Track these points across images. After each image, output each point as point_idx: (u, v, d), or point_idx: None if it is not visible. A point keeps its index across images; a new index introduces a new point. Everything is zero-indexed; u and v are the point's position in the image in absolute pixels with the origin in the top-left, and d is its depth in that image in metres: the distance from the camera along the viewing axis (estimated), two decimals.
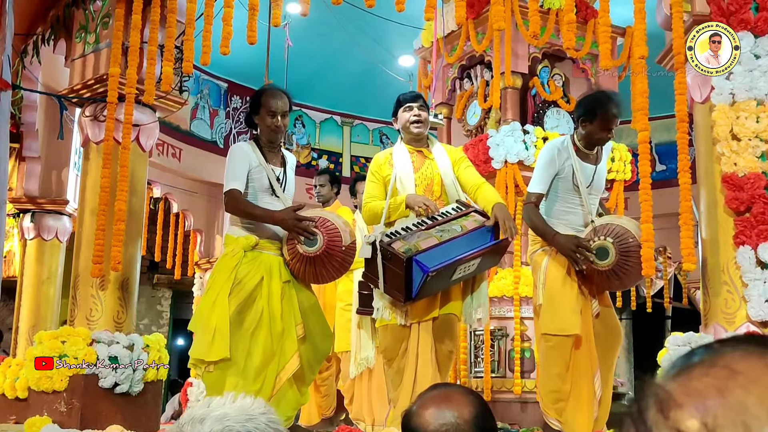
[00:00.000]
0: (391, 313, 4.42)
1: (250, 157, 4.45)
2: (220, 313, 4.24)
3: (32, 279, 7.81)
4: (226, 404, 1.30)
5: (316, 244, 4.34)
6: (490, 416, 1.64)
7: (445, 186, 4.56)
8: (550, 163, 4.64)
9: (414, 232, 4.25)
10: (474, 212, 4.42)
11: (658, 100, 5.12)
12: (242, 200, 4.38)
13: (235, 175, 4.38)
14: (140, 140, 5.79)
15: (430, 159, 4.61)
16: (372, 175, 4.62)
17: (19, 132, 7.76)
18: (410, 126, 4.58)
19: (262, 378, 4.27)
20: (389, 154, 4.66)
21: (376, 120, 10.96)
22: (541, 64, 7.15)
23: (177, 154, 9.37)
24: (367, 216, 4.57)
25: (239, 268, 4.32)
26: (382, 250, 4.19)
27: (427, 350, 4.39)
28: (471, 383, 6.55)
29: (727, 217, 4.31)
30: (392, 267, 4.17)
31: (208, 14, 5.36)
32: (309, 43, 8.96)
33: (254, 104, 4.59)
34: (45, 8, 6.56)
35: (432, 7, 4.88)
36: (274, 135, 4.54)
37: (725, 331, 4.23)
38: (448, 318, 4.45)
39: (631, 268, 4.46)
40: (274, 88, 4.68)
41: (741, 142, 4.29)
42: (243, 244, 4.36)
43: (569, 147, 4.67)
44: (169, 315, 13.39)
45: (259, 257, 4.38)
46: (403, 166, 4.55)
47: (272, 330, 4.30)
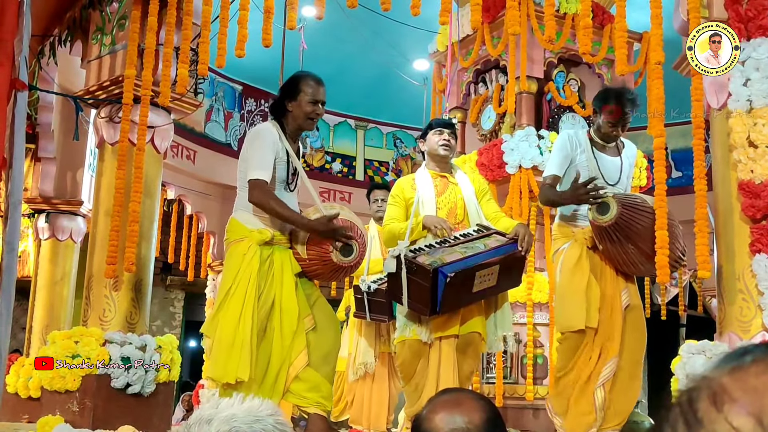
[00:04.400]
0: (412, 330, 4.42)
1: (276, 144, 4.14)
2: (245, 331, 3.99)
3: (46, 279, 7.85)
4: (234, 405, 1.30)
5: (352, 254, 4.20)
6: (501, 422, 1.63)
7: (468, 212, 4.63)
8: (561, 149, 4.71)
9: (438, 248, 4.29)
10: (495, 233, 4.45)
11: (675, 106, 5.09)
12: (271, 194, 4.07)
13: (262, 163, 4.06)
14: (155, 142, 5.81)
15: (454, 184, 4.69)
16: (393, 198, 4.71)
17: (34, 133, 7.80)
18: (438, 148, 4.66)
19: (278, 385, 4.10)
20: (412, 179, 4.75)
21: (390, 124, 10.96)
22: (557, 69, 7.12)
23: (191, 156, 9.40)
24: (386, 237, 4.64)
25: (260, 276, 4.06)
26: (407, 263, 4.20)
27: (450, 368, 4.39)
28: (483, 389, 6.52)
29: (743, 224, 4.28)
30: (417, 280, 4.17)
31: (224, 17, 5.37)
32: (324, 46, 8.97)
33: (292, 89, 4.23)
34: (62, 10, 6.59)
35: (447, 11, 4.87)
36: (309, 124, 4.26)
37: (740, 339, 4.20)
38: (471, 337, 4.45)
39: (639, 226, 4.35)
40: (315, 75, 4.32)
41: (758, 149, 4.26)
42: (257, 239, 4.09)
43: (584, 139, 4.72)
44: (181, 316, 13.43)
45: (273, 254, 4.14)
46: (426, 190, 4.62)
47: (284, 330, 4.10)
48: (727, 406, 0.65)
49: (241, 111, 10.11)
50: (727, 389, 0.66)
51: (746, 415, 0.63)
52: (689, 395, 0.68)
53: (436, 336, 4.40)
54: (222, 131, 9.85)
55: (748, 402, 0.64)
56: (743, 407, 0.64)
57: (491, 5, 6.97)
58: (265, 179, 4.05)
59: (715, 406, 0.66)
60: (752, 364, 0.67)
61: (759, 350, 0.69)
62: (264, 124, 4.38)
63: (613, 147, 4.76)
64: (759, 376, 0.66)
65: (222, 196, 9.70)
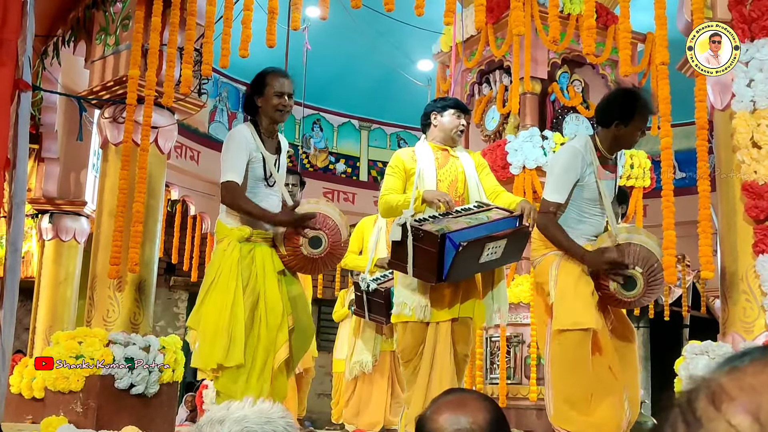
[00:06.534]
0: (412, 309, 4.38)
1: (250, 144, 4.30)
2: (236, 318, 4.17)
3: (50, 279, 7.86)
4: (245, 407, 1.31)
5: (321, 246, 4.33)
6: (505, 423, 1.63)
7: (468, 186, 4.58)
8: (570, 170, 4.19)
9: (442, 219, 4.25)
10: (495, 208, 4.42)
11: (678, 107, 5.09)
12: (240, 195, 4.25)
13: (234, 165, 4.25)
14: (159, 142, 5.82)
15: (455, 158, 4.63)
16: (391, 169, 4.61)
17: (38, 133, 7.81)
18: (454, 132, 4.61)
19: (266, 373, 4.25)
20: (412, 150, 4.67)
21: (394, 124, 10.96)
22: (561, 70, 7.12)
23: (195, 157, 9.40)
24: (382, 208, 4.55)
25: (242, 268, 4.23)
26: (413, 230, 4.14)
27: (447, 352, 4.35)
28: (486, 390, 6.52)
29: (747, 225, 4.27)
30: (424, 247, 4.12)
31: (228, 17, 5.37)
32: (328, 46, 8.97)
33: (258, 85, 4.38)
34: (65, 10, 6.60)
35: (451, 12, 4.87)
36: (279, 116, 4.39)
37: (743, 340, 4.19)
38: (465, 321, 4.43)
39: (652, 295, 4.27)
40: (279, 68, 4.51)
41: (762, 150, 4.25)
42: (237, 236, 4.27)
43: (591, 151, 4.22)
44: (185, 317, 13.42)
45: (254, 250, 4.28)
46: (427, 162, 4.55)
47: (269, 323, 4.24)
48: (725, 404, 0.66)
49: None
50: (725, 389, 0.68)
51: (744, 413, 0.65)
52: (688, 396, 0.70)
53: (434, 320, 4.36)
54: (226, 131, 9.83)
55: (745, 400, 0.66)
56: (741, 405, 0.65)
57: (495, 6, 6.98)
58: (236, 180, 4.23)
59: (714, 405, 0.67)
60: (749, 365, 0.69)
61: (756, 351, 0.71)
62: (238, 126, 4.59)
63: (613, 160, 4.36)
64: (756, 376, 0.67)
65: None
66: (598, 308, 4.13)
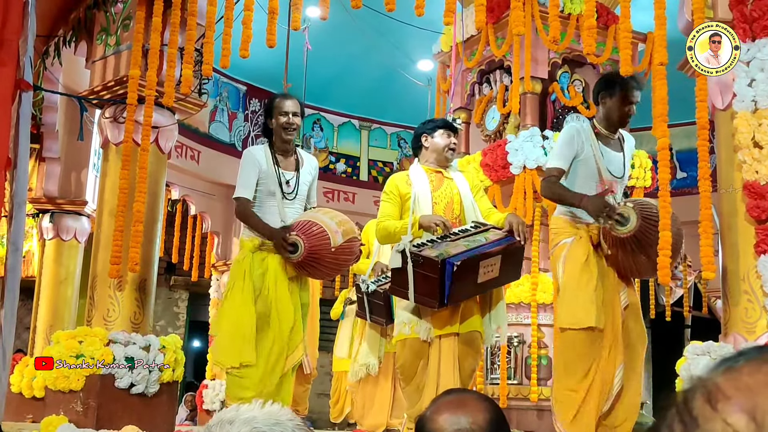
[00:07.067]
0: (411, 327, 4.40)
1: (260, 162, 4.75)
2: (248, 319, 4.57)
3: (50, 279, 7.86)
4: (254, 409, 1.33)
5: (297, 251, 4.58)
6: (505, 423, 1.62)
7: (464, 207, 4.63)
8: (568, 143, 4.56)
9: (440, 243, 4.28)
10: (492, 228, 4.48)
11: (679, 107, 5.08)
12: (247, 209, 4.70)
13: (244, 182, 4.74)
14: (159, 142, 5.82)
15: (449, 179, 4.69)
16: (386, 195, 4.65)
17: (39, 133, 7.82)
18: (446, 151, 4.70)
19: (277, 373, 4.59)
20: (406, 174, 4.72)
21: (395, 124, 10.95)
22: (561, 70, 7.12)
23: (195, 157, 9.40)
24: (380, 235, 4.64)
25: (254, 273, 4.63)
26: (413, 256, 4.19)
27: (450, 366, 4.35)
28: (487, 390, 6.52)
29: (748, 225, 4.27)
30: (425, 272, 4.16)
31: (228, 17, 5.37)
32: (328, 46, 8.96)
33: (268, 110, 4.93)
34: (66, 10, 6.60)
35: (451, 12, 4.87)
36: (287, 134, 4.83)
37: (745, 340, 4.19)
38: (472, 335, 4.44)
39: (655, 239, 4.23)
40: (284, 93, 5.12)
41: (763, 150, 4.25)
42: (249, 247, 4.69)
43: (589, 130, 4.59)
44: (185, 317, 13.43)
45: (266, 258, 4.67)
46: (421, 186, 4.59)
47: (284, 325, 4.61)
48: (722, 404, 0.67)
49: (246, 111, 10.11)
50: (721, 388, 0.68)
51: (740, 412, 0.65)
52: (684, 395, 0.71)
53: (436, 334, 4.38)
54: (226, 131, 9.85)
55: (741, 400, 0.66)
56: (737, 405, 0.66)
57: (495, 6, 6.97)
58: (245, 196, 4.72)
59: (710, 404, 0.68)
60: (745, 365, 0.69)
61: (752, 351, 0.71)
62: (252, 146, 5.27)
63: (616, 141, 4.66)
64: (752, 375, 0.68)
65: (226, 196, 9.68)
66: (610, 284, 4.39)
